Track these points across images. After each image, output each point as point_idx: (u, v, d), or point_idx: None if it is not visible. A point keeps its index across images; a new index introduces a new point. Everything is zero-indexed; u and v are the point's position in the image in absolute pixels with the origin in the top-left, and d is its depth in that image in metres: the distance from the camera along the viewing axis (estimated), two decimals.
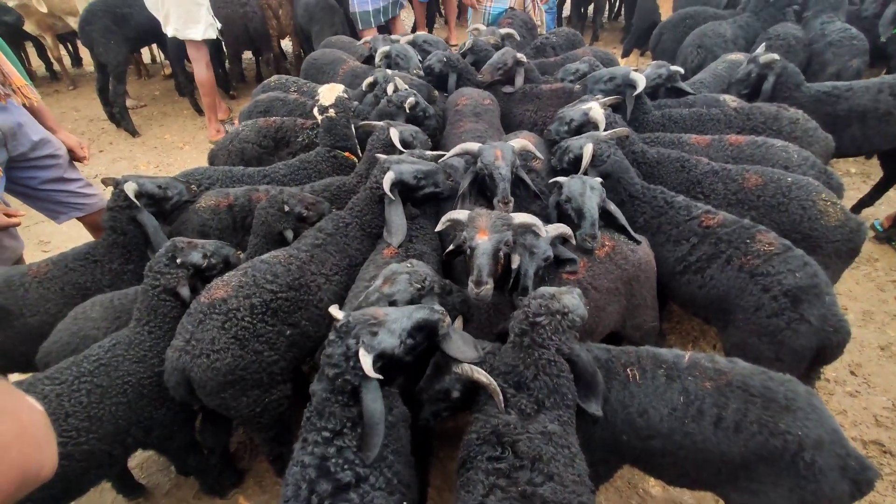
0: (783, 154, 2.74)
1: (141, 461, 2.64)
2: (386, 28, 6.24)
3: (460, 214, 1.96)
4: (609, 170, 2.42)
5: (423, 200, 2.43)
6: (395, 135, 2.68)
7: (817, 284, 2.06)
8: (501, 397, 1.57)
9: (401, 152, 2.59)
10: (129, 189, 2.43)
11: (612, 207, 2.27)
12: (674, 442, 1.68)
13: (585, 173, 2.41)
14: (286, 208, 2.44)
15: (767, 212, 2.49)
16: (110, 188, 2.56)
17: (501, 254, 1.81)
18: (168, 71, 7.37)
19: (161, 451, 2.25)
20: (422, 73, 3.79)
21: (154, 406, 2.02)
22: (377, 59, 3.91)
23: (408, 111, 3.09)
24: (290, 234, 2.42)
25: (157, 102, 7.10)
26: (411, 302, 1.73)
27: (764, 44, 3.84)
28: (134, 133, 6.23)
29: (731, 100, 3.33)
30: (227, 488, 2.47)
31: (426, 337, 1.60)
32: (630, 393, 1.73)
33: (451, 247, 2.03)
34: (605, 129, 2.65)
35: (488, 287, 1.75)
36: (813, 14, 4.58)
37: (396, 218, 2.27)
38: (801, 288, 2.05)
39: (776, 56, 3.37)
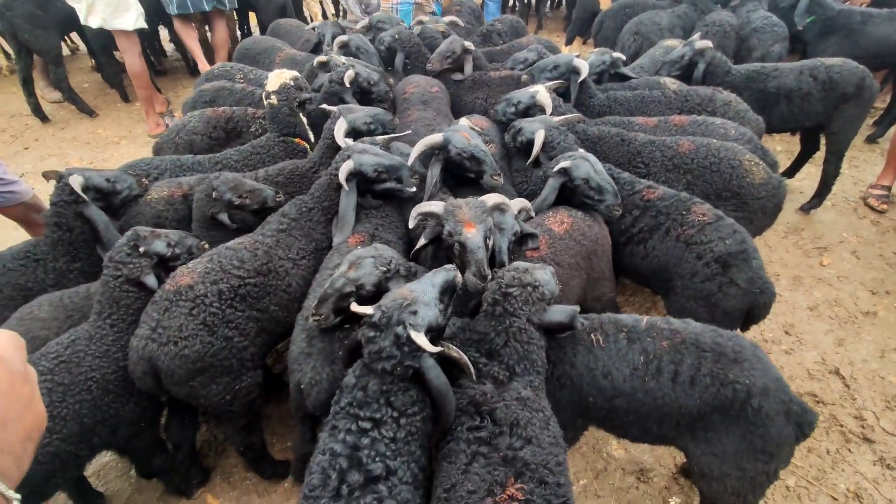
0: (721, 130, 2.95)
1: (98, 468, 2.51)
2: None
3: (435, 207, 1.95)
4: (558, 154, 2.51)
5: (382, 195, 2.38)
6: (340, 128, 2.59)
7: (745, 250, 2.23)
8: (473, 370, 1.61)
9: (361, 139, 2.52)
10: (76, 182, 2.28)
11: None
12: (636, 400, 1.78)
13: (538, 158, 2.50)
14: (214, 195, 2.39)
15: (701, 174, 2.68)
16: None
17: (489, 241, 1.85)
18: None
19: (126, 451, 2.14)
20: (381, 66, 3.73)
21: (120, 402, 1.94)
22: (335, 50, 3.76)
23: (348, 86, 3.05)
24: (224, 217, 2.37)
25: (86, 95, 6.61)
26: (378, 286, 1.74)
27: (699, 32, 4.06)
28: (91, 113, 5.94)
29: (670, 82, 3.51)
30: (193, 487, 2.37)
31: (450, 297, 1.65)
32: (594, 357, 1.82)
33: (422, 240, 1.98)
34: (552, 112, 2.74)
35: (490, 277, 1.78)
36: (740, 2, 4.93)
37: (348, 210, 2.23)
38: (730, 254, 2.21)
39: (710, 43, 3.59)
